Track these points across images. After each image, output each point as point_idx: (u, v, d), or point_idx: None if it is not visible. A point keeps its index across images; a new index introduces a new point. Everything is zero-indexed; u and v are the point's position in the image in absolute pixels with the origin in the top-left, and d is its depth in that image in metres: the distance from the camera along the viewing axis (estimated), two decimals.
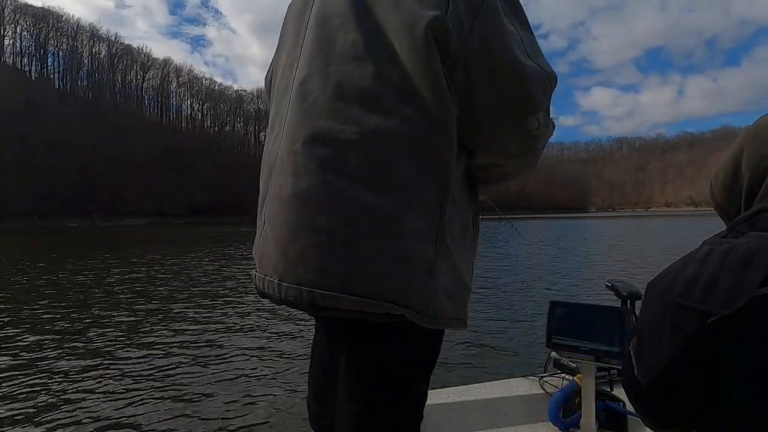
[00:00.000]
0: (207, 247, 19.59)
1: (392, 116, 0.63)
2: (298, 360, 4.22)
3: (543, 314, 1.11)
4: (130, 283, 9.23)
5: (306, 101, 0.68)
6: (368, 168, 0.63)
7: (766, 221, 0.50)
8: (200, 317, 6.13)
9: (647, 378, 0.52)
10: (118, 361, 4.25)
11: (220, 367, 4.09)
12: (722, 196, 0.65)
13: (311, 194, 0.64)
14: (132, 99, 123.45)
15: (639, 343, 0.55)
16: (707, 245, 0.52)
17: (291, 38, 0.77)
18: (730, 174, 0.62)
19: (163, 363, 4.19)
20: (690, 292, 0.48)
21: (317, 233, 0.63)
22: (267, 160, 0.76)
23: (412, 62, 0.62)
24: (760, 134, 0.59)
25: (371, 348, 0.69)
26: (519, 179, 0.83)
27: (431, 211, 0.64)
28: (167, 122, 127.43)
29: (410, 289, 0.62)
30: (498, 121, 0.68)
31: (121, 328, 5.51)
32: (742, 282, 0.45)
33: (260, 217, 0.76)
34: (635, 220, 60.27)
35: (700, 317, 0.46)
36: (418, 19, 0.61)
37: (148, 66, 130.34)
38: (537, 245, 18.74)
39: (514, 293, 7.63)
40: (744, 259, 0.46)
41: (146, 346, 4.73)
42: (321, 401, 0.81)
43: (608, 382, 1.27)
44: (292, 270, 0.65)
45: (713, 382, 0.47)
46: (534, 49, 0.68)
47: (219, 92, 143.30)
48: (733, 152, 0.62)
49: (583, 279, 9.16)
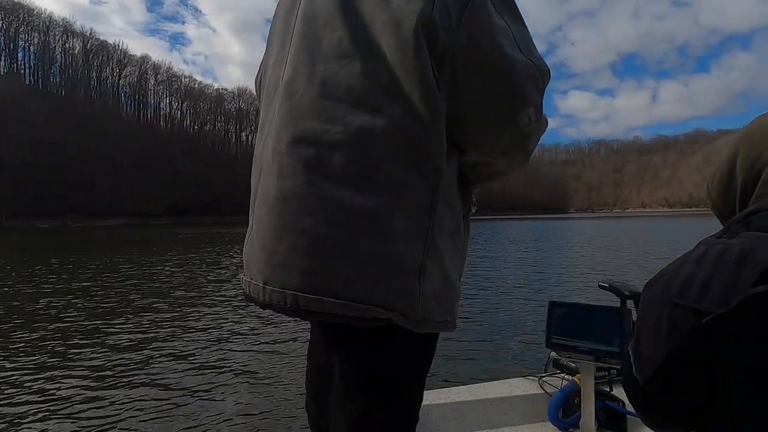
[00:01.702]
0: (183, 249, 19.02)
1: (379, 115, 0.61)
2: (298, 360, 4.11)
3: (541, 314, 1.09)
4: (107, 286, 8.80)
5: (291, 101, 0.67)
6: (354, 168, 0.61)
7: (760, 221, 0.51)
8: (196, 319, 5.89)
9: (645, 377, 0.53)
10: (104, 365, 4.01)
11: (219, 366, 3.99)
12: (719, 197, 0.66)
13: (295, 196, 0.63)
14: (108, 96, 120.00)
15: (637, 342, 0.56)
16: (703, 246, 0.53)
17: (279, 37, 0.76)
18: (726, 176, 0.64)
19: (161, 365, 4.03)
20: (686, 291, 0.49)
21: (301, 235, 0.62)
22: (257, 163, 0.74)
23: (399, 59, 0.61)
24: (753, 137, 0.60)
25: (363, 351, 0.68)
26: (509, 177, 0.82)
27: (420, 212, 0.63)
28: (145, 121, 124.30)
29: (397, 292, 0.61)
30: (487, 117, 0.67)
31: (100, 333, 5.22)
32: (736, 281, 0.45)
33: (250, 220, 0.75)
34: (614, 220, 61.58)
35: (695, 316, 0.47)
36: (405, 15, 0.60)
37: (125, 63, 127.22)
38: (525, 246, 18.71)
39: (512, 293, 7.56)
40: (738, 258, 0.47)
41: (133, 349, 4.49)
42: (318, 403, 0.81)
43: (608, 382, 1.26)
44: (276, 273, 0.64)
45: (711, 381, 0.48)
46: (526, 43, 0.66)
47: (199, 91, 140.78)
48: (729, 155, 0.63)
49: (575, 278, 9.16)
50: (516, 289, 7.98)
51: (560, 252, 16.03)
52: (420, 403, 0.72)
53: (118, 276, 10.10)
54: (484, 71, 0.63)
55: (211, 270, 11.19)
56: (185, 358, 4.25)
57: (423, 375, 0.72)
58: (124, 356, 4.29)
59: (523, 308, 6.37)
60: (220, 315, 6.16)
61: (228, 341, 4.85)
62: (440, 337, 0.72)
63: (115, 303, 7.00)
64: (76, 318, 5.94)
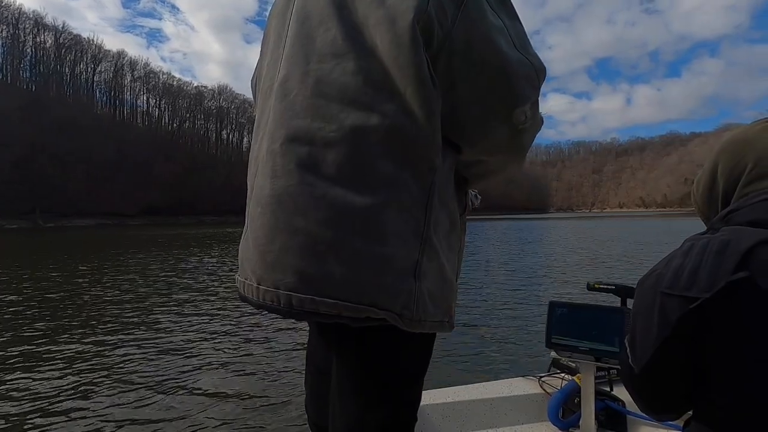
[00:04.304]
0: (163, 249, 18.29)
1: (373, 113, 0.60)
2: (297, 361, 4.04)
3: (541, 314, 1.14)
4: (88, 286, 8.42)
5: (285, 100, 0.66)
6: (348, 167, 0.60)
7: (738, 217, 0.57)
8: (192, 321, 5.68)
9: (640, 365, 0.56)
10: (102, 368, 3.78)
11: (219, 367, 3.93)
12: (703, 202, 0.71)
13: (289, 195, 0.62)
14: (82, 92, 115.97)
15: (632, 333, 0.60)
16: (689, 241, 0.57)
17: (274, 37, 0.75)
18: (709, 183, 0.69)
19: (160, 365, 3.95)
20: (675, 282, 0.53)
21: (294, 235, 0.61)
22: (252, 163, 0.74)
23: (394, 56, 0.60)
24: (732, 148, 0.65)
25: (360, 351, 0.68)
26: (506, 175, 0.82)
27: (415, 210, 0.62)
28: (121, 118, 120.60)
29: (392, 292, 0.60)
30: (483, 115, 0.66)
31: (87, 336, 4.95)
32: (718, 269, 0.50)
33: (246, 219, 0.74)
34: (593, 220, 62.87)
35: (685, 302, 0.51)
36: (400, 11, 0.59)
37: (100, 58, 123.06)
38: (514, 247, 18.66)
39: (512, 293, 7.51)
40: (719, 249, 0.52)
41: (125, 351, 4.27)
42: (317, 403, 0.80)
43: (608, 381, 1.27)
44: (269, 273, 0.63)
45: (701, 364, 0.52)
46: (522, 40, 0.66)
47: (178, 88, 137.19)
48: (710, 165, 0.69)
49: (568, 278, 9.16)
50: (517, 289, 7.92)
51: (552, 251, 16.09)
52: (418, 403, 0.71)
53: (88, 279, 9.65)
54: (480, 68, 0.62)
55: (185, 273, 10.76)
56: (182, 359, 4.13)
57: (421, 374, 0.72)
58: (118, 356, 4.16)
59: (523, 308, 6.32)
60: (217, 315, 5.97)
61: (226, 341, 4.73)
62: (438, 337, 0.71)
63: (87, 306, 6.64)
64: (55, 323, 5.59)
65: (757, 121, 0.66)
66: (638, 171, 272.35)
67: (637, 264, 10.97)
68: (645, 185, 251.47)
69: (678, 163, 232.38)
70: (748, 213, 0.56)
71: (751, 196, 0.59)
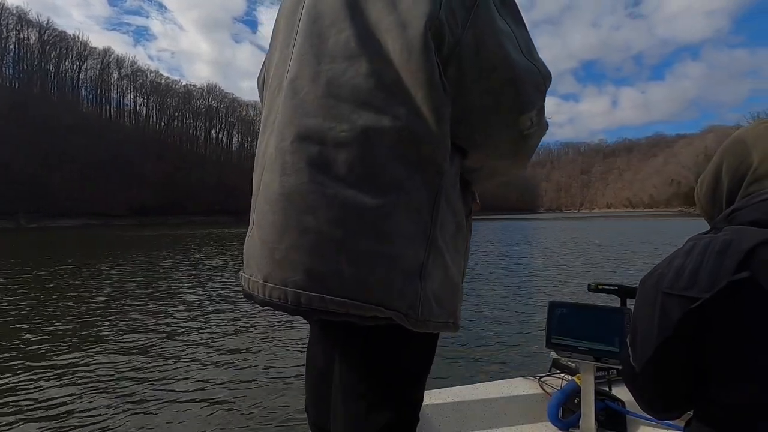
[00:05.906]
0: (151, 251, 17.85)
1: (385, 115, 0.61)
2: (297, 361, 4.00)
3: (541, 314, 1.12)
4: (70, 288, 8.24)
5: (296, 98, 0.66)
6: (359, 167, 0.61)
7: (741, 216, 0.57)
8: (188, 320, 5.58)
9: (641, 363, 0.56)
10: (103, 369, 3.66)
11: (218, 367, 3.91)
12: (706, 202, 0.71)
13: (299, 193, 0.62)
14: (67, 90, 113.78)
15: (634, 333, 0.59)
16: (691, 241, 0.57)
17: (283, 36, 0.75)
18: (712, 183, 0.69)
19: (159, 366, 3.89)
20: (677, 281, 0.53)
21: (304, 233, 0.61)
22: (259, 160, 0.74)
23: (405, 61, 0.61)
24: (736, 146, 0.66)
25: (362, 350, 0.68)
26: (510, 178, 0.82)
27: (423, 212, 0.63)
28: (107, 116, 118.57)
29: (398, 292, 0.60)
30: (490, 120, 0.67)
31: (80, 335, 4.85)
32: (720, 269, 0.50)
33: (251, 217, 0.74)
34: (581, 221, 63.48)
35: (686, 302, 0.51)
36: (412, 17, 0.60)
37: (86, 55, 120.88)
38: (509, 247, 18.63)
39: (512, 293, 7.46)
40: (721, 249, 0.51)
41: (123, 352, 4.17)
42: (318, 404, 0.80)
43: (608, 382, 1.27)
44: (277, 270, 0.64)
45: (702, 363, 0.52)
46: (529, 46, 0.67)
47: (166, 86, 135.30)
48: (714, 163, 0.69)
49: (567, 278, 9.12)
50: (516, 289, 7.88)
51: (549, 251, 16.09)
52: (421, 403, 0.72)
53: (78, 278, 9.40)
54: (489, 74, 0.63)
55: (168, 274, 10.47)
56: (182, 359, 4.08)
57: (424, 374, 0.72)
58: (117, 357, 4.11)
59: (522, 308, 6.27)
60: (216, 315, 5.86)
61: (226, 341, 4.67)
62: (440, 337, 0.72)
63: (86, 304, 6.46)
64: (54, 323, 5.43)
65: (761, 120, 0.66)
66: (625, 172, 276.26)
67: (637, 264, 10.95)
68: (632, 186, 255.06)
69: (664, 164, 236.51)
70: (750, 212, 0.56)
71: (754, 195, 0.59)
